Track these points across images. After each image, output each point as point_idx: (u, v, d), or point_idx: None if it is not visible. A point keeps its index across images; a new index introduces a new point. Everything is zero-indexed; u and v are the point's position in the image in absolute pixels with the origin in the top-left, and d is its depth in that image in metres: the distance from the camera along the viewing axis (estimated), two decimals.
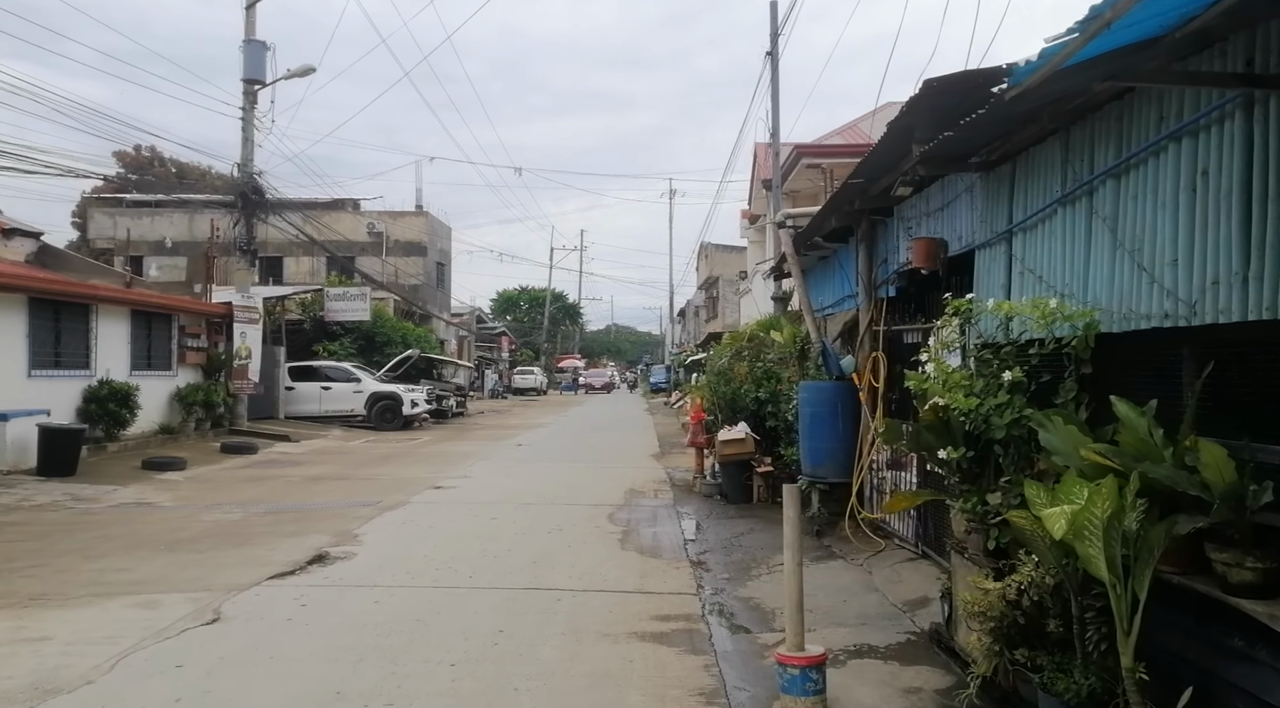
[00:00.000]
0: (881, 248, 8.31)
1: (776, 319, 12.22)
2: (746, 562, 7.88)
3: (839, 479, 8.63)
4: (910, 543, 7.50)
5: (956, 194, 6.20)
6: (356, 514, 10.19)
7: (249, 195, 19.32)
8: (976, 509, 4.48)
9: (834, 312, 10.25)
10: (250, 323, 20.16)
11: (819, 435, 8.72)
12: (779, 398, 11.15)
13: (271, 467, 15.39)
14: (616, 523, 9.77)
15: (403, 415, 24.77)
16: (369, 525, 9.51)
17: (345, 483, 13.22)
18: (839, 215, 8.50)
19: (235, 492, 12.31)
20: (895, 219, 7.82)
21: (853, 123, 25.42)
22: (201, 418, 19.02)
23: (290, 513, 10.47)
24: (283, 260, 42.07)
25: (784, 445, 10.95)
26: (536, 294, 79.35)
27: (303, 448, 18.72)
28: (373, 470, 14.84)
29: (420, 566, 7.59)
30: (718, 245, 49.75)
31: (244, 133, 19.74)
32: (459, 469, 14.90)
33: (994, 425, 4.20)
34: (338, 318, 28.45)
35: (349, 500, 11.38)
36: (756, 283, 28.28)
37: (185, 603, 6.36)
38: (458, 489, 12.45)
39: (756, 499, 11.05)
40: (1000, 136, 5.02)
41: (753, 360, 12.08)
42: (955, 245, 6.06)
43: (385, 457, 17.20)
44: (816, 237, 9.72)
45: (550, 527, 9.44)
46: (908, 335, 7.72)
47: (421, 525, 9.53)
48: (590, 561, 7.84)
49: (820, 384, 8.91)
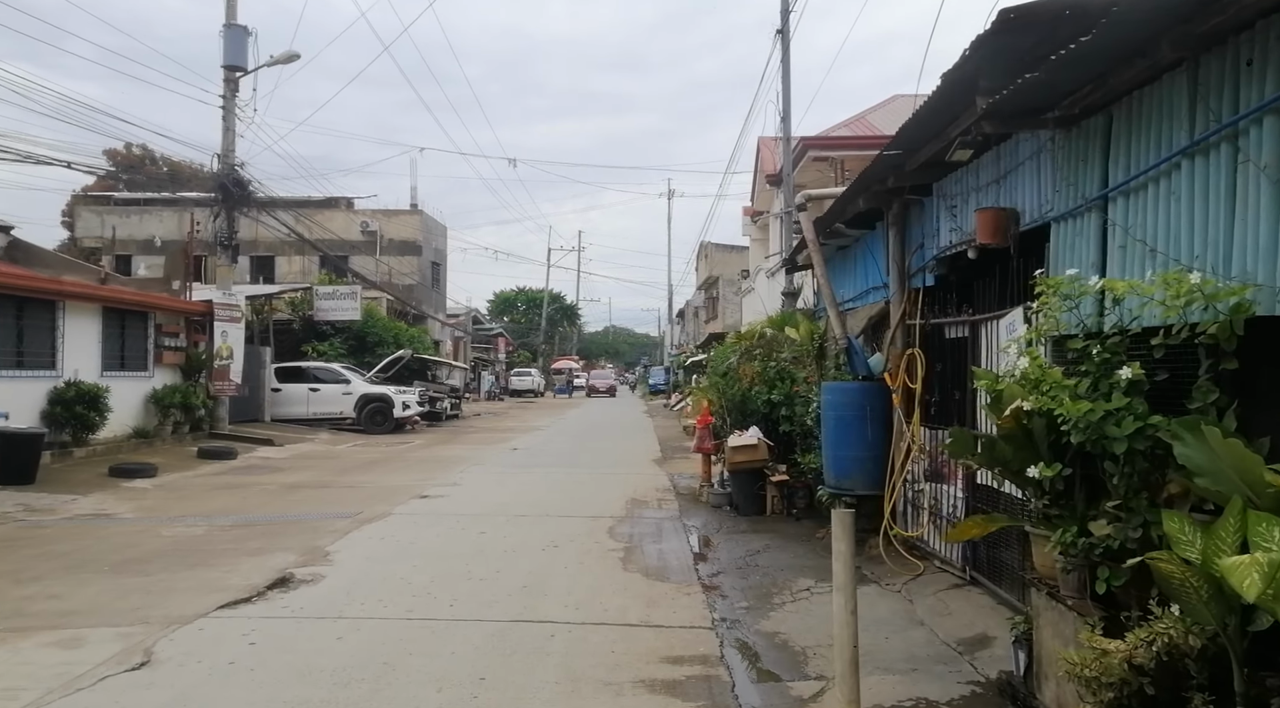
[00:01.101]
0: (916, 232, 7.40)
1: (791, 315, 11.30)
2: (765, 586, 6.94)
3: (868, 492, 7.71)
4: (955, 566, 6.57)
5: (1019, 161, 5.28)
6: (332, 528, 9.26)
7: (230, 188, 18.37)
8: (1076, 542, 3.55)
9: (855, 306, 9.33)
10: (232, 322, 19.21)
11: (845, 443, 7.80)
12: (794, 400, 10.24)
13: (249, 473, 14.44)
14: (618, 539, 8.84)
15: (394, 418, 23.83)
16: (343, 541, 8.57)
17: (325, 492, 12.28)
18: (867, 196, 7.58)
19: (205, 502, 11.36)
20: (935, 198, 6.90)
21: (860, 115, 24.53)
22: (180, 421, 18.05)
23: (259, 526, 9.53)
24: (274, 259, 41.25)
25: (800, 452, 10.03)
26: (534, 295, 78.39)
27: (286, 453, 17.77)
28: (357, 477, 13.90)
29: (395, 591, 6.66)
30: (718, 245, 48.91)
31: (225, 122, 18.79)
32: (449, 476, 13.96)
33: (1111, 437, 3.27)
34: (327, 317, 27.50)
35: (326, 512, 10.44)
36: (760, 281, 27.38)
37: (114, 640, 5.42)
38: (446, 499, 11.51)
39: (770, 511, 10.12)
40: (1094, 79, 4.10)
41: (764, 360, 11.17)
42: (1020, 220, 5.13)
43: (372, 462, 16.26)
44: (838, 223, 8.80)
45: (544, 543, 8.51)
46: (950, 329, 6.79)
47: (402, 541, 8.60)
48: (589, 585, 6.90)
49: (845, 385, 7.99)
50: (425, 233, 43.50)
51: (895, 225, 7.54)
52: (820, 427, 8.73)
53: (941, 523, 6.78)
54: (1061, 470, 3.63)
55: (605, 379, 66.08)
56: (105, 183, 47.18)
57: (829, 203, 8.49)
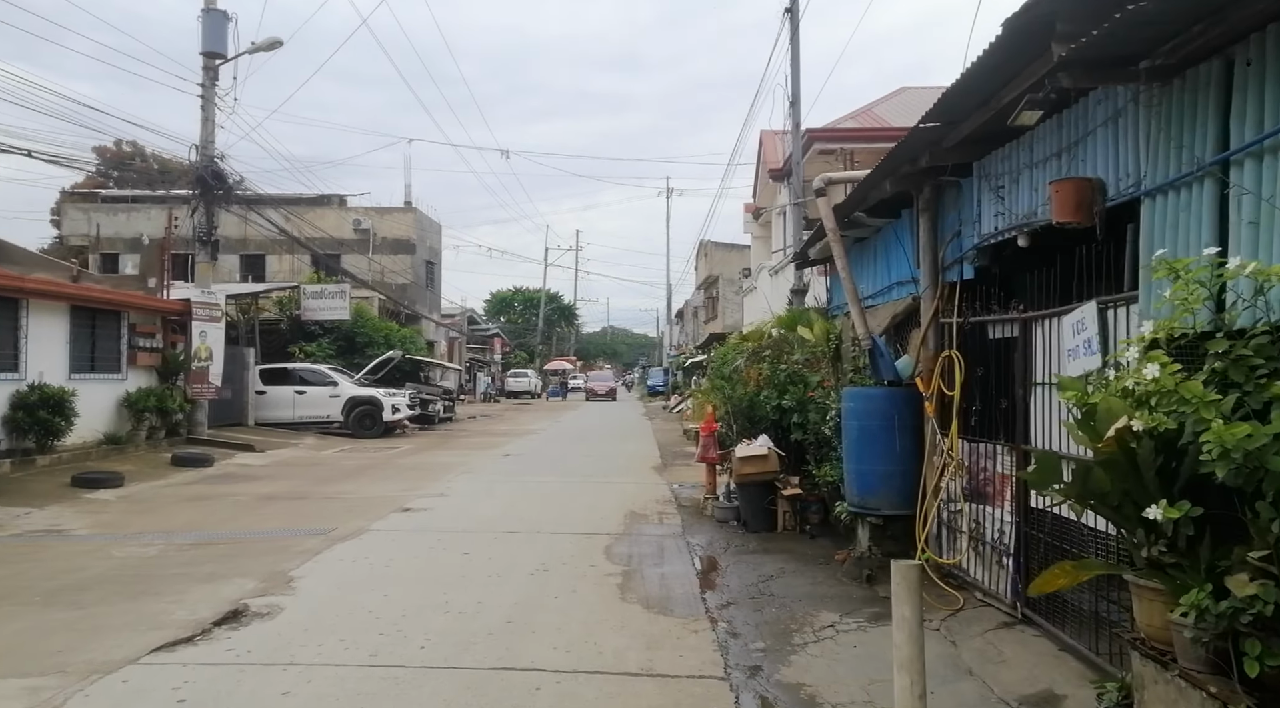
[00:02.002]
0: (952, 219, 6.56)
1: (804, 313, 10.46)
2: (783, 621, 6.10)
3: (895, 511, 6.88)
4: (1002, 601, 5.73)
5: (1090, 128, 4.45)
6: (301, 547, 8.41)
7: (208, 181, 17.50)
8: (1211, 605, 2.71)
9: (875, 304, 8.50)
10: (211, 321, 18.34)
11: (869, 455, 6.96)
12: (807, 407, 9.39)
13: (223, 483, 13.59)
14: (615, 560, 8.00)
15: (383, 422, 22.96)
16: (311, 564, 7.72)
17: (301, 504, 11.43)
18: (895, 179, 6.75)
19: (169, 516, 10.51)
20: (976, 179, 6.07)
21: (867, 107, 23.69)
22: (155, 426, 17.19)
23: (221, 545, 8.68)
24: (265, 258, 40.38)
25: (814, 463, 9.19)
26: (531, 295, 77.52)
27: (266, 460, 16.91)
28: (337, 487, 13.05)
29: (360, 627, 5.81)
30: (718, 243, 48.08)
31: (203, 112, 17.93)
32: (436, 486, 13.11)
33: (1276, 470, 2.44)
34: (315, 317, 26.63)
35: (298, 527, 9.60)
36: (763, 280, 26.53)
37: (17, 698, 4.58)
38: (430, 512, 10.66)
39: (782, 527, 9.28)
40: (1209, 15, 3.27)
41: (774, 362, 10.32)
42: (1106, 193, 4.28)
43: (356, 470, 15.40)
44: (858, 211, 7.97)
45: (534, 565, 7.67)
46: (994, 329, 5.96)
47: (375, 564, 7.75)
48: (582, 619, 6.06)
49: (870, 391, 7.16)
50: (419, 231, 42.65)
51: (927, 212, 6.70)
52: (839, 437, 7.91)
53: (984, 550, 5.94)
54: (1189, 510, 2.79)
55: (605, 381, 59.72)
56: (95, 180, 46.33)
57: (840, 193, 7.66)
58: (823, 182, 7.35)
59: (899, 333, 7.98)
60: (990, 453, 5.88)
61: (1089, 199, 4.00)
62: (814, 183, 7.34)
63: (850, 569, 7.20)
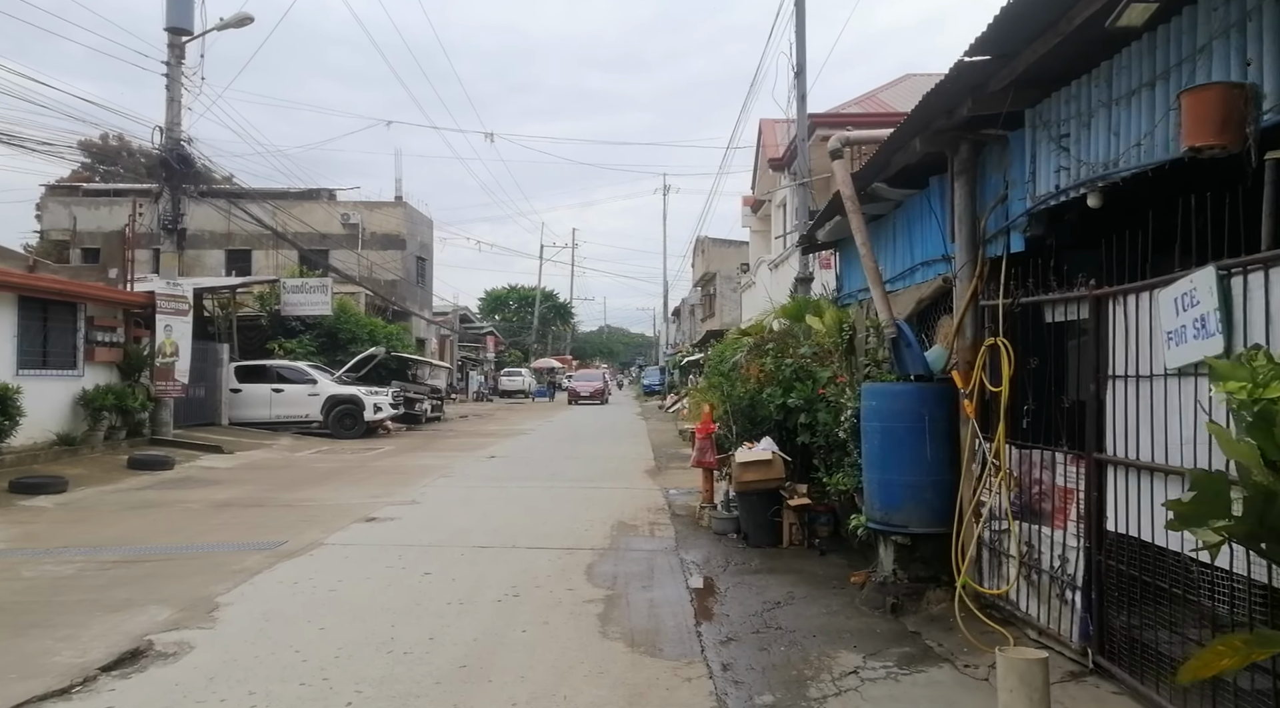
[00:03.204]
0: (995, 182, 5.52)
1: (813, 301, 9.40)
2: (795, 664, 5.04)
3: (925, 529, 5.83)
4: (1065, 643, 4.68)
5: (1209, 37, 3.40)
6: (240, 565, 7.35)
7: (173, 165, 16.40)
8: None
9: (895, 289, 7.45)
10: (177, 314, 17.25)
11: (894, 463, 5.91)
12: (816, 405, 8.33)
13: (179, 488, 12.52)
14: (597, 582, 6.95)
15: (364, 422, 21.89)
16: (246, 587, 6.66)
17: (257, 512, 10.36)
18: (926, 137, 5.71)
19: (104, 526, 9.44)
20: (1030, 130, 5.02)
21: (872, 93, 22.71)
22: (115, 426, 16.10)
23: (151, 562, 7.62)
24: (251, 253, 39.32)
25: (824, 470, 8.15)
26: (526, 293, 76.39)
27: (233, 462, 15.83)
28: (302, 493, 11.98)
29: (278, 675, 4.75)
30: (715, 240, 47.09)
31: (169, 92, 16.82)
32: (409, 491, 12.05)
33: None
34: (296, 312, 25.53)
35: (245, 541, 8.54)
36: (762, 274, 25.49)
37: None
38: (396, 523, 9.60)
39: (788, 541, 8.23)
40: None
41: (778, 356, 9.27)
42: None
43: (328, 473, 14.34)
44: (876, 182, 6.92)
45: (503, 589, 6.62)
46: (1053, 310, 4.91)
47: (319, 587, 6.69)
48: (552, 662, 5.01)
49: (895, 388, 6.11)
50: (410, 226, 41.60)
51: (964, 175, 5.66)
52: (856, 440, 6.86)
53: (1040, 580, 4.90)
54: None
55: (590, 381, 49.13)
56: (80, 175, 45.26)
57: (851, 168, 6.61)
58: (840, 142, 6.30)
59: (924, 321, 6.94)
60: (1047, 462, 4.83)
61: (1238, 113, 2.95)
62: (830, 144, 6.29)
63: (871, 596, 6.14)
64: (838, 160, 6.30)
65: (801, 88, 12.10)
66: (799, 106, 12.25)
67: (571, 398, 46.45)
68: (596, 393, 46.55)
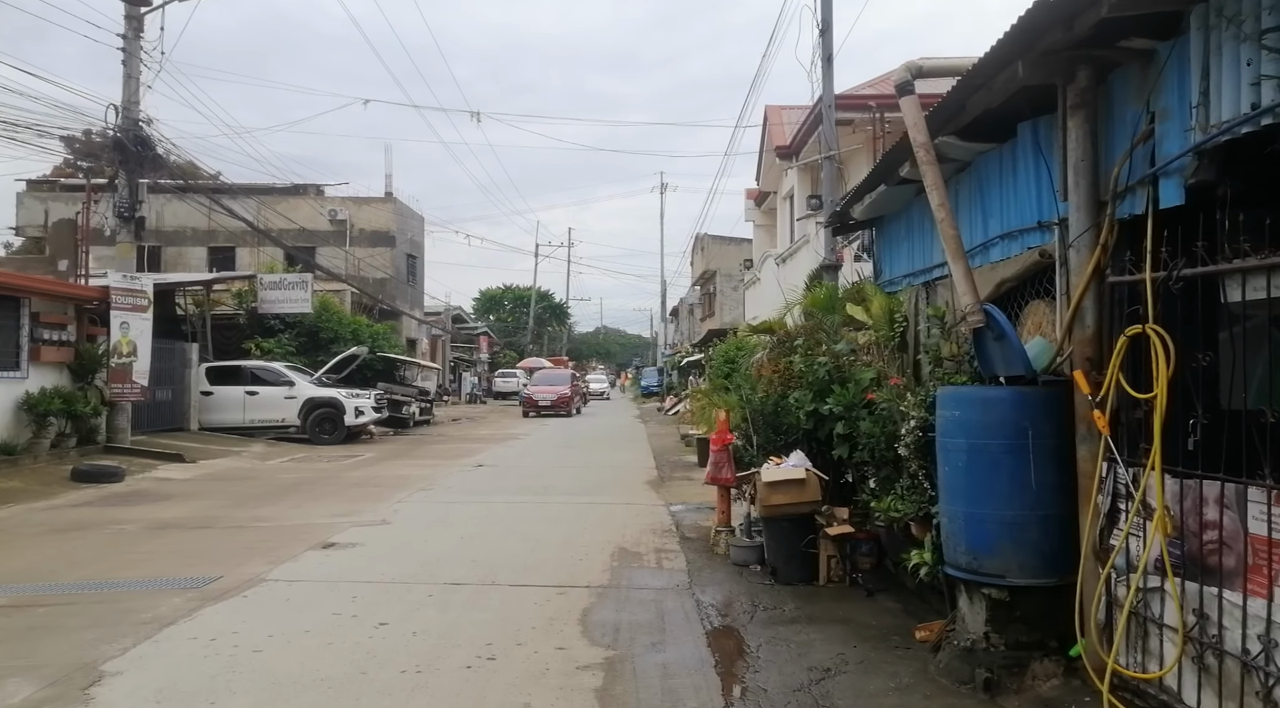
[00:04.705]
0: (1129, 116, 4.11)
1: (857, 287, 7.96)
2: None
3: (1031, 580, 4.41)
4: None
5: None
6: (151, 613, 5.92)
7: (130, 147, 14.95)
8: None
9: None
10: (135, 310, 15.79)
11: (987, 493, 4.49)
12: (857, 413, 6.89)
13: (121, 505, 11.07)
14: (595, 637, 5.51)
15: (345, 426, 20.46)
16: (145, 648, 5.23)
17: (199, 536, 8.92)
18: (1031, 59, 4.28)
19: (11, 556, 7.99)
20: (1199, 32, 3.60)
21: (884, 76, 21.27)
22: (65, 433, 14.64)
23: (41, 608, 6.17)
24: (235, 251, 37.93)
25: (867, 490, 6.72)
26: (521, 293, 74.97)
27: (193, 473, 14.36)
28: (260, 510, 10.54)
29: None
30: (715, 236, 45.71)
31: (126, 68, 15.38)
32: (381, 508, 10.62)
33: None
34: (274, 309, 24.07)
35: (172, 575, 7.11)
36: (767, 270, 24.09)
37: None
38: (357, 550, 8.17)
39: (825, 578, 6.81)
40: None
41: (807, 354, 7.83)
42: None
43: (294, 486, 12.89)
44: (942, 136, 5.48)
45: (475, 649, 5.19)
46: (1234, 286, 3.48)
47: (240, 648, 5.24)
48: None
49: (987, 393, 4.68)
50: (400, 222, 40.17)
51: (1083, 109, 4.24)
52: (923, 459, 5.44)
53: (1219, 665, 3.47)
54: None
55: (555, 385, 35.81)
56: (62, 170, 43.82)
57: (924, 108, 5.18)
58: (909, 73, 4.87)
59: (1004, 304, 5.52)
60: (1232, 499, 3.42)
61: None
62: (896, 76, 4.88)
63: (953, 665, 4.71)
64: (906, 97, 4.89)
65: (827, 47, 10.68)
66: (824, 69, 10.84)
67: (527, 409, 33.67)
68: (562, 401, 34.01)
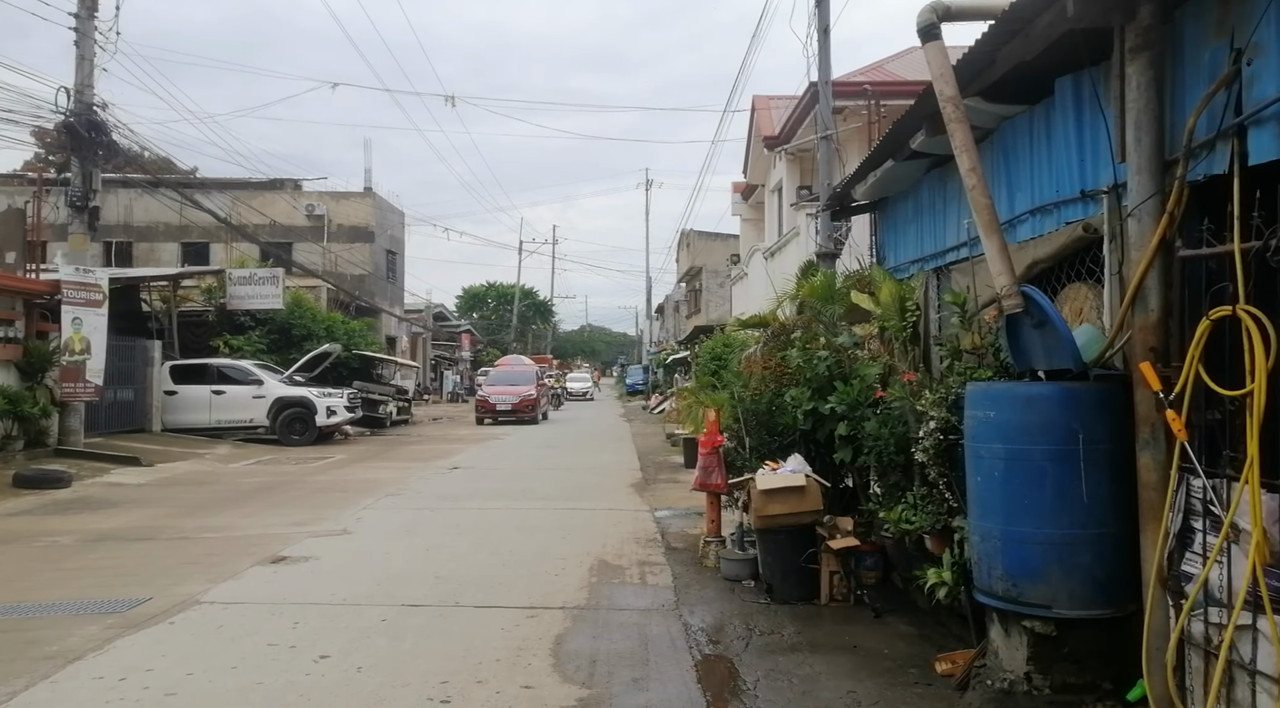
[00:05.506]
0: (1206, 57, 3.43)
1: (865, 273, 7.26)
2: None
3: (1083, 611, 3.71)
4: None
5: None
6: (60, 644, 5.15)
7: (81, 132, 14.08)
8: None
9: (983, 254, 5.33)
10: (89, 306, 14.91)
11: (1028, 508, 3.79)
12: (861, 411, 6.20)
13: (61, 513, 10.24)
14: (568, 672, 4.78)
15: (316, 427, 19.61)
16: (40, 690, 4.46)
17: (137, 550, 8.13)
18: None
19: None
20: None
21: (877, 64, 20.67)
22: (12, 435, 13.75)
23: None
24: (209, 247, 36.92)
25: (874, 499, 6.04)
26: (505, 291, 74.01)
27: (147, 477, 13.51)
28: (211, 519, 9.75)
29: None
30: (700, 232, 45.12)
31: (79, 49, 14.51)
32: (344, 516, 9.85)
33: None
34: (244, 305, 23.17)
35: (96, 596, 6.32)
36: (755, 265, 23.44)
37: None
38: (309, 564, 7.41)
39: (827, 596, 6.11)
40: None
41: (805, 348, 7.13)
42: None
43: (253, 491, 12.08)
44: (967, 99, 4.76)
45: (428, 688, 4.46)
46: None
47: (152, 690, 4.47)
48: None
49: (1028, 391, 3.98)
50: (379, 218, 39.28)
51: (1146, 52, 3.54)
52: (942, 465, 4.75)
53: None
54: None
55: (516, 386, 28.71)
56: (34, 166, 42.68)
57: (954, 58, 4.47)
58: (935, 13, 4.15)
59: (1040, 284, 4.82)
60: None
61: None
62: (919, 17, 4.16)
63: (973, 702, 4.02)
64: (931, 43, 4.18)
65: (824, 19, 9.97)
66: (820, 41, 10.13)
67: (482, 414, 27.41)
68: (526, 405, 27.65)
